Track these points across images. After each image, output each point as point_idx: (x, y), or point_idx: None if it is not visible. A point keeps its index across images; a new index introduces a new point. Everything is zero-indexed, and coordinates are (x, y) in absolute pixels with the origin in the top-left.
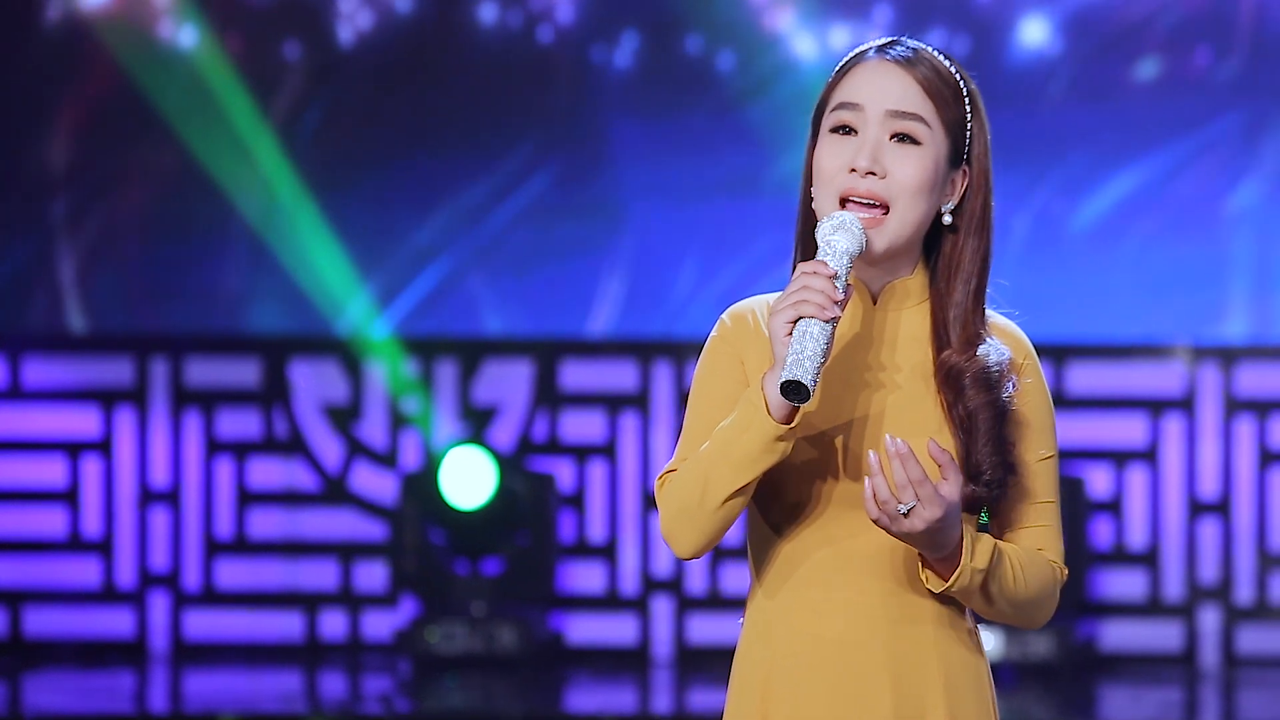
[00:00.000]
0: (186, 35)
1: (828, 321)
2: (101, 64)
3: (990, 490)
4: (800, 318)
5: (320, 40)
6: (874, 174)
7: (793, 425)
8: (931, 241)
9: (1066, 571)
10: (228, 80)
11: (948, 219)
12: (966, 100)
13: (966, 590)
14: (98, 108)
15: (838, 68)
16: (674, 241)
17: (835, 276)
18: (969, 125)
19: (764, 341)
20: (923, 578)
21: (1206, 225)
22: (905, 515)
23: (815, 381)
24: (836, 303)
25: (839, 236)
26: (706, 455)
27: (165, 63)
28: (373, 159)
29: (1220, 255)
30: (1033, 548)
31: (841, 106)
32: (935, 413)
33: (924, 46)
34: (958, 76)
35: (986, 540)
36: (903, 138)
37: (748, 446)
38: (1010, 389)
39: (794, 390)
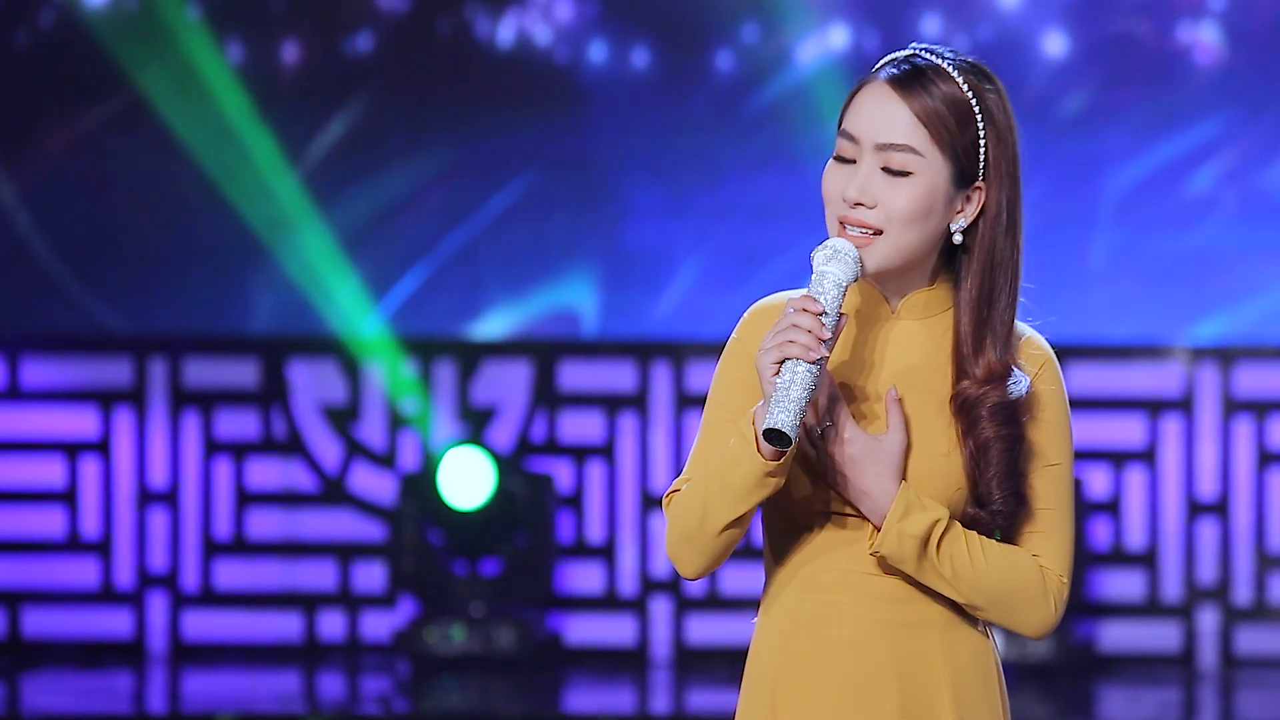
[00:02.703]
0: (187, 35)
1: (814, 362)
2: (98, 64)
3: (995, 520)
4: (786, 359)
5: (319, 42)
6: (863, 204)
7: (782, 461)
8: (955, 251)
9: (1066, 581)
10: (226, 81)
11: (958, 238)
12: (980, 119)
13: (899, 555)
14: (94, 106)
15: (853, 88)
16: (671, 241)
17: (824, 314)
18: (982, 140)
19: None
20: (869, 545)
21: (1204, 224)
22: (821, 435)
23: (797, 427)
24: (824, 341)
25: (832, 267)
26: (706, 482)
27: (163, 63)
28: (369, 158)
29: (1219, 254)
30: (1026, 549)
31: (843, 135)
32: (948, 435)
33: (934, 62)
34: (968, 92)
35: (933, 511)
36: (893, 170)
37: (741, 480)
38: (1026, 422)
39: (775, 437)
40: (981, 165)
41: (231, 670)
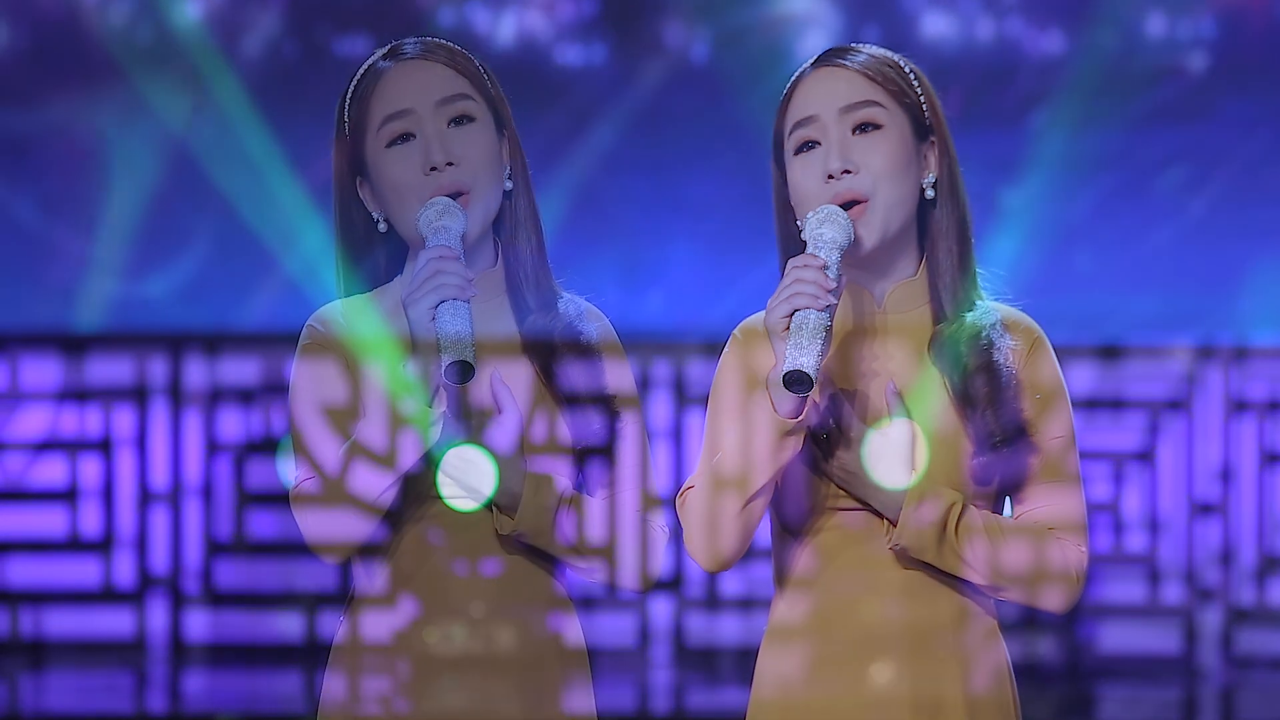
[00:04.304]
0: (183, 32)
1: (823, 310)
2: (99, 62)
3: (999, 451)
4: (796, 310)
5: (318, 40)
6: (849, 172)
7: (800, 418)
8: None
9: (1084, 551)
10: (225, 77)
11: (930, 193)
12: (912, 77)
13: (919, 545)
14: (94, 106)
15: (782, 95)
16: (669, 238)
17: (826, 267)
18: (922, 100)
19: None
20: (886, 539)
21: (1205, 223)
22: (826, 437)
23: (818, 369)
24: (830, 290)
25: (826, 229)
26: (720, 465)
27: (163, 63)
28: None
29: (1218, 254)
30: (1040, 524)
31: (798, 125)
32: (941, 397)
33: (855, 45)
34: (897, 58)
35: (946, 496)
36: (864, 126)
37: (759, 448)
38: (1003, 347)
39: (797, 380)
40: (928, 121)
41: (231, 670)
